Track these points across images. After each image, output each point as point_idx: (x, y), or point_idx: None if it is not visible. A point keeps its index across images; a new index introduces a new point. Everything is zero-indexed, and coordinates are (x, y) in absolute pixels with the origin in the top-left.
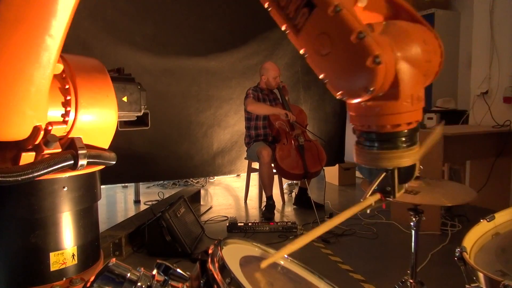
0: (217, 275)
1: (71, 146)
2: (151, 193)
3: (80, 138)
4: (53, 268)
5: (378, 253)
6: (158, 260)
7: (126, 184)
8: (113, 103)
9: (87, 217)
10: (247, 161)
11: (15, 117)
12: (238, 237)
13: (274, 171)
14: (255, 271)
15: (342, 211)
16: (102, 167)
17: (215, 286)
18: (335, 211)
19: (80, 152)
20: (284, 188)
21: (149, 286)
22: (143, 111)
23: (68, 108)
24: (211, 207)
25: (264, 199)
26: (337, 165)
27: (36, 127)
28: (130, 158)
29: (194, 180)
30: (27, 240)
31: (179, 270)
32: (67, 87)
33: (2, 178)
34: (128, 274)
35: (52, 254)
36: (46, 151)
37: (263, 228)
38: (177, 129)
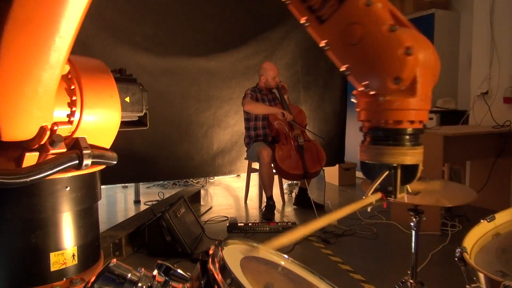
0: (217, 276)
1: (75, 146)
2: (151, 193)
3: (84, 138)
4: (53, 268)
5: (378, 253)
6: (158, 261)
7: (126, 184)
8: (117, 103)
9: (87, 217)
10: (247, 161)
11: (22, 117)
12: (239, 237)
13: (274, 171)
14: (255, 271)
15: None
16: (103, 167)
17: (215, 286)
18: (335, 211)
19: (84, 152)
20: (284, 188)
21: (149, 287)
22: (144, 111)
23: (73, 108)
24: (211, 207)
25: (264, 199)
26: (337, 165)
27: (42, 127)
28: (130, 158)
29: (194, 180)
30: (27, 240)
31: (179, 271)
32: (73, 87)
33: (11, 180)
34: (129, 275)
35: (52, 254)
36: (52, 151)
37: (263, 228)
38: (177, 129)
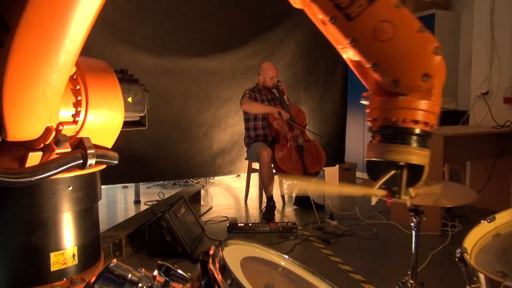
0: (218, 276)
1: (79, 146)
2: (151, 193)
3: (88, 138)
4: (53, 268)
5: (379, 253)
6: (159, 261)
7: (126, 184)
8: (120, 103)
9: (87, 217)
10: (247, 161)
11: (29, 117)
12: (239, 237)
13: (274, 171)
14: (256, 272)
15: (343, 211)
16: (103, 166)
17: (216, 287)
18: (335, 211)
19: (89, 151)
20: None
21: (150, 287)
22: (145, 111)
23: (78, 108)
24: (211, 208)
25: (264, 199)
26: (337, 165)
27: (48, 127)
28: (130, 158)
29: (194, 181)
30: (27, 240)
31: (180, 271)
32: (78, 87)
33: (16, 179)
34: (129, 275)
35: (52, 254)
36: (57, 151)
37: (263, 228)
38: (177, 129)
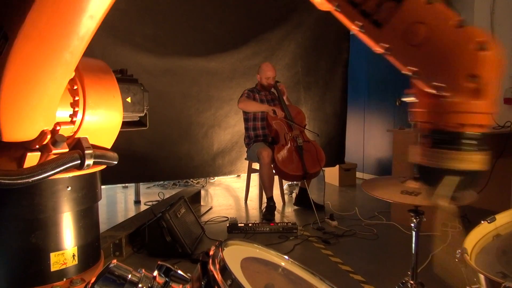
0: (218, 277)
1: (77, 146)
2: (151, 193)
3: (86, 138)
4: (53, 268)
5: (379, 254)
6: (159, 262)
7: (127, 185)
8: (118, 103)
9: (87, 217)
10: (247, 161)
11: (24, 122)
12: (239, 238)
13: (274, 172)
14: (256, 272)
15: (343, 212)
16: (103, 167)
17: (216, 287)
18: (335, 212)
19: (86, 152)
20: (285, 189)
21: None
22: (145, 111)
23: (76, 109)
24: (211, 208)
25: (264, 199)
26: (337, 166)
27: (43, 131)
28: (130, 159)
29: (194, 181)
30: (27, 240)
31: (180, 272)
32: (76, 87)
33: (13, 181)
34: (129, 276)
35: (52, 255)
36: (54, 151)
37: (264, 228)
38: (177, 129)
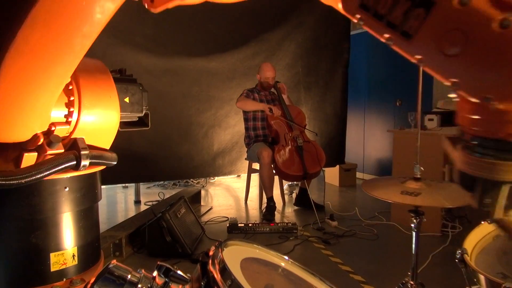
0: (217, 277)
1: (73, 147)
2: (152, 193)
3: (82, 138)
4: (53, 268)
5: (379, 254)
6: (158, 262)
7: (127, 185)
8: (115, 104)
9: (87, 217)
10: (247, 161)
11: (17, 126)
12: (239, 238)
13: (274, 172)
14: (256, 273)
15: (343, 212)
16: (103, 167)
17: None
18: (335, 212)
19: (82, 152)
20: (285, 189)
21: None
22: (144, 111)
23: (71, 109)
24: (211, 208)
25: (264, 200)
26: (337, 166)
27: (36, 134)
28: (130, 159)
29: (194, 181)
30: (27, 241)
31: (179, 272)
32: (71, 87)
33: (5, 182)
34: (129, 276)
35: (52, 255)
36: (49, 152)
37: (264, 229)
38: (177, 129)
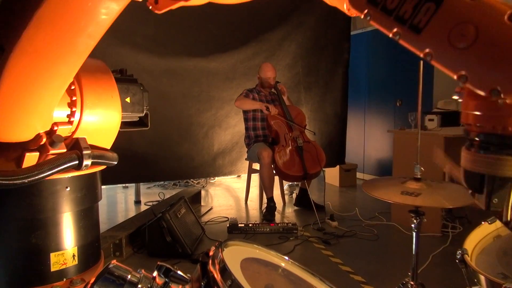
0: (218, 277)
1: (75, 146)
2: (152, 193)
3: (84, 138)
4: (53, 268)
5: (379, 254)
6: (158, 262)
7: (127, 185)
8: (117, 104)
9: (87, 217)
10: (247, 162)
11: (19, 126)
12: (239, 238)
13: (274, 172)
14: (256, 273)
15: (343, 212)
16: (103, 167)
17: None
18: (335, 212)
19: (84, 152)
20: (285, 189)
21: None
22: (145, 111)
23: (73, 109)
24: (211, 208)
25: (264, 200)
26: (337, 166)
27: (38, 134)
28: (130, 159)
29: (194, 181)
30: (27, 241)
31: (179, 272)
32: (73, 87)
33: (9, 181)
34: (129, 276)
35: (52, 255)
36: (52, 151)
37: (264, 229)
38: (177, 129)
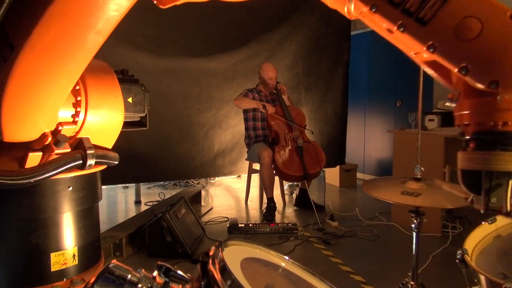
0: (218, 277)
1: (79, 146)
2: (152, 193)
3: (88, 138)
4: (53, 268)
5: (379, 255)
6: (158, 262)
7: (127, 185)
8: (120, 104)
9: (88, 217)
10: (247, 162)
11: (26, 124)
12: (239, 238)
13: (274, 172)
14: (256, 273)
15: (343, 212)
16: (104, 167)
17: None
18: (335, 212)
19: (88, 152)
20: (285, 189)
21: None
22: (146, 112)
23: (78, 109)
24: (211, 208)
25: (264, 200)
26: (338, 166)
27: (44, 133)
28: (131, 159)
29: (194, 181)
30: (28, 240)
31: (179, 272)
32: (78, 88)
33: (15, 181)
34: (129, 276)
35: (53, 255)
36: (56, 151)
37: (264, 229)
38: (178, 129)
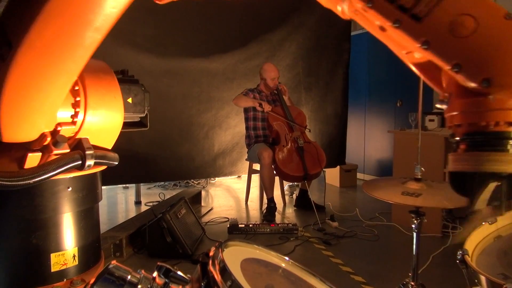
0: (218, 278)
1: (78, 147)
2: (152, 194)
3: (87, 138)
4: (53, 269)
5: (379, 255)
6: (158, 263)
7: (127, 185)
8: (119, 104)
9: (88, 218)
10: (248, 162)
11: (25, 124)
12: (240, 239)
13: (275, 172)
14: (256, 273)
15: (343, 213)
16: (104, 167)
17: None
18: (336, 212)
19: (87, 152)
20: (285, 190)
21: None
22: (146, 112)
23: (77, 109)
24: (212, 208)
25: (265, 200)
26: (338, 166)
27: (43, 133)
28: (131, 159)
29: (195, 181)
30: (28, 241)
31: (179, 273)
32: (77, 88)
33: (14, 182)
34: (129, 277)
35: (53, 255)
36: (55, 152)
37: (264, 229)
38: (178, 130)
